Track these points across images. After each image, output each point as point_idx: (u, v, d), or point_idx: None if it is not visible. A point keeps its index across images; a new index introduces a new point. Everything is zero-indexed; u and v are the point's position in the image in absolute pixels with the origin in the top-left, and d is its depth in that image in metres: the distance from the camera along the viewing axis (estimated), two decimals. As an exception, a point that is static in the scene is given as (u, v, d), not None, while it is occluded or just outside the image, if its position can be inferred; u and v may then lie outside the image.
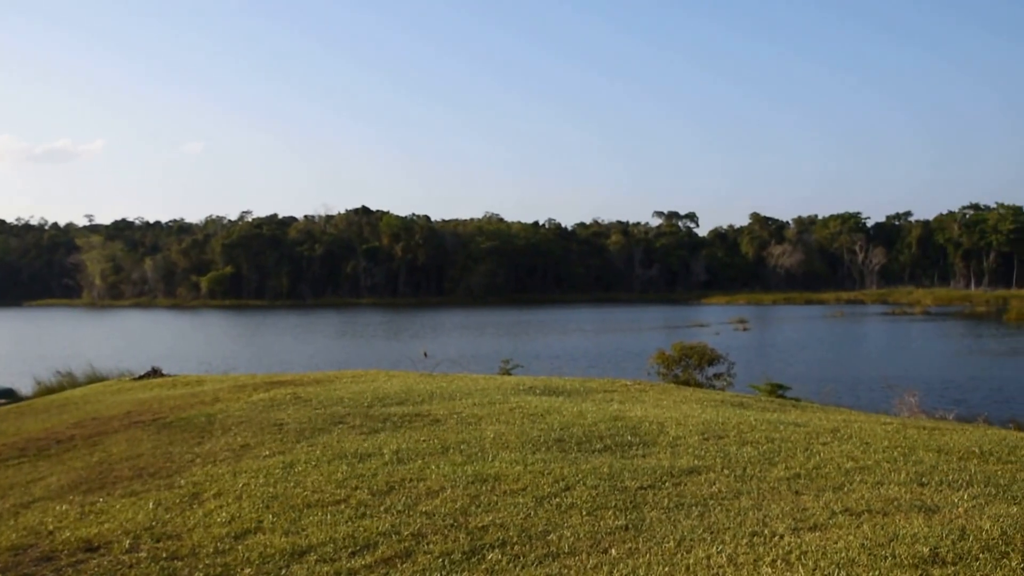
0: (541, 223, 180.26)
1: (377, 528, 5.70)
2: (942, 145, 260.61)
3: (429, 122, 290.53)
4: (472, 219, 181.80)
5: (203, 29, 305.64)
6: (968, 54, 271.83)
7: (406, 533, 5.57)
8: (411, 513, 6.01)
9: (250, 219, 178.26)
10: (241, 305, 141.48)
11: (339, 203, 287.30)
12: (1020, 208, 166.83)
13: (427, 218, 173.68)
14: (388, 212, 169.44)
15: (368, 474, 7.17)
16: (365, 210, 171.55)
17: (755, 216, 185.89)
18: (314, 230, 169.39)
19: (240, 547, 5.53)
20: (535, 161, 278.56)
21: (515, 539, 5.38)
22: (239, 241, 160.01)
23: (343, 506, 6.29)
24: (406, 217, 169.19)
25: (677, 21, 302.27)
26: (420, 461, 7.57)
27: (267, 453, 8.33)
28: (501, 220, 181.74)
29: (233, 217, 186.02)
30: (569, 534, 5.44)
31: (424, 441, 8.48)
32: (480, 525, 5.67)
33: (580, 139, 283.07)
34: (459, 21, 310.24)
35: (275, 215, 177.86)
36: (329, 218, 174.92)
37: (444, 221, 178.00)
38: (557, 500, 6.20)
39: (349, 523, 5.86)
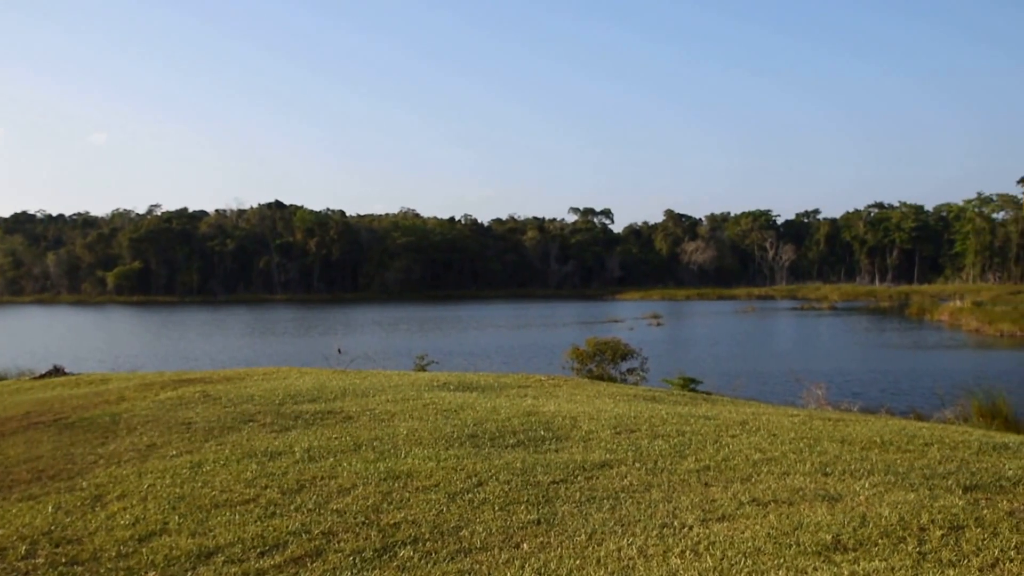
0: (457, 219, 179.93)
1: (287, 527, 5.62)
2: (849, 145, 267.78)
3: (345, 115, 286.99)
4: (388, 214, 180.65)
5: (107, 18, 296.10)
6: (879, 50, 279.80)
7: (317, 532, 5.51)
8: (322, 511, 5.94)
9: (159, 213, 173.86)
10: (149, 301, 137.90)
11: (251, 197, 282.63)
12: (921, 207, 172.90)
13: (342, 213, 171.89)
14: (302, 207, 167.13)
15: (278, 473, 7.07)
16: (278, 204, 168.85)
17: (669, 213, 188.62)
18: (226, 225, 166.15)
19: (144, 550, 5.39)
20: (453, 157, 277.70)
21: (427, 535, 5.37)
22: (147, 235, 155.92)
23: (252, 505, 6.18)
24: (321, 212, 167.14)
25: (585, 26, 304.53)
26: (332, 459, 7.49)
27: (174, 453, 8.15)
28: (417, 216, 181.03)
29: (141, 211, 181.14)
30: (481, 529, 5.45)
31: (336, 438, 8.40)
32: (392, 522, 5.64)
33: (496, 136, 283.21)
34: (374, 2, 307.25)
35: (185, 209, 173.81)
36: (241, 212, 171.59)
37: (360, 216, 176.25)
38: (470, 496, 6.20)
39: (258, 523, 5.76)
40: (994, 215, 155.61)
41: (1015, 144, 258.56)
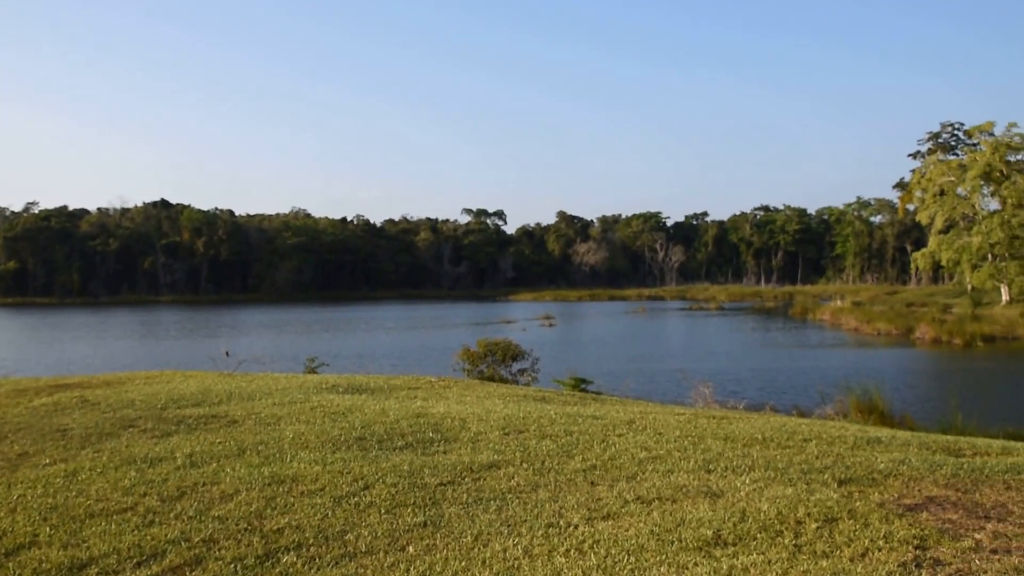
0: (349, 219, 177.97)
1: (166, 536, 5.46)
2: (735, 149, 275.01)
3: (231, 114, 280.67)
4: (278, 214, 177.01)
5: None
6: (766, 62, 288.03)
7: (197, 540, 5.36)
8: (203, 519, 5.78)
9: (36, 211, 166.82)
10: (26, 303, 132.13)
11: (136, 195, 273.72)
12: (804, 210, 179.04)
13: (231, 212, 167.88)
14: (189, 206, 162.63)
15: (158, 480, 6.86)
16: (164, 203, 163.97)
17: (561, 215, 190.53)
18: (108, 223, 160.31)
19: (11, 564, 5.15)
20: (343, 156, 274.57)
21: (311, 540, 5.28)
22: (23, 234, 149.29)
23: (129, 514, 5.98)
24: (208, 211, 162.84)
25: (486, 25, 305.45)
26: (215, 464, 7.31)
27: (47, 461, 7.82)
28: (308, 216, 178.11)
29: (17, 208, 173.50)
30: (367, 533, 5.39)
31: (220, 443, 8.20)
32: (276, 528, 5.53)
33: (388, 135, 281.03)
34: (254, 5, 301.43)
35: (65, 207, 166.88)
36: (125, 211, 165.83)
37: (249, 216, 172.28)
38: (356, 499, 6.13)
39: (135, 532, 5.57)
40: (872, 218, 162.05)
41: (891, 151, 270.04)
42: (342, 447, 7.90)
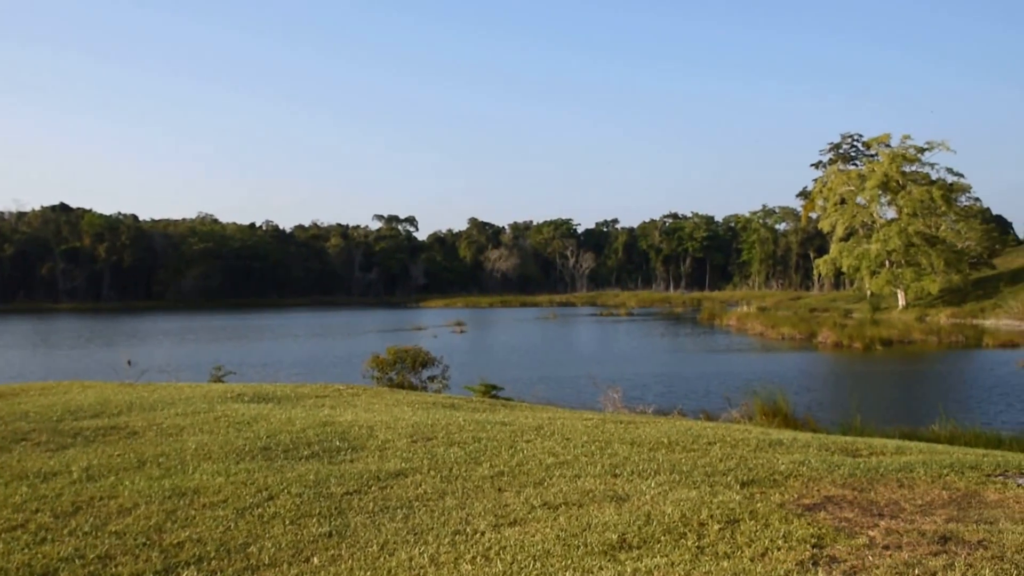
0: (258, 225, 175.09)
1: (58, 553, 5.26)
2: (643, 156, 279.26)
3: (135, 114, 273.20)
4: (184, 219, 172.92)
5: None
6: (672, 71, 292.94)
7: (92, 556, 5.18)
8: (99, 534, 5.60)
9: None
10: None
11: (33, 199, 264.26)
12: (712, 218, 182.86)
13: (135, 217, 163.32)
14: (90, 210, 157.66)
15: (52, 495, 6.61)
16: (64, 207, 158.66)
17: (473, 221, 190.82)
18: (3, 228, 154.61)
19: None
20: (251, 160, 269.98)
21: (213, 554, 5.16)
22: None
23: (20, 532, 5.75)
24: (111, 216, 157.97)
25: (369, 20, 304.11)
26: (113, 477, 7.09)
27: (-68, 477, 7.47)
28: (216, 221, 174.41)
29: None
30: (270, 545, 5.29)
31: (119, 456, 7.96)
32: (176, 542, 5.39)
33: (294, 139, 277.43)
34: (157, 8, 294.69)
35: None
36: (21, 215, 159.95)
37: (154, 221, 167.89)
38: (259, 510, 6.01)
39: (26, 550, 5.36)
40: (777, 226, 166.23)
41: (795, 160, 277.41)
42: (246, 457, 7.76)
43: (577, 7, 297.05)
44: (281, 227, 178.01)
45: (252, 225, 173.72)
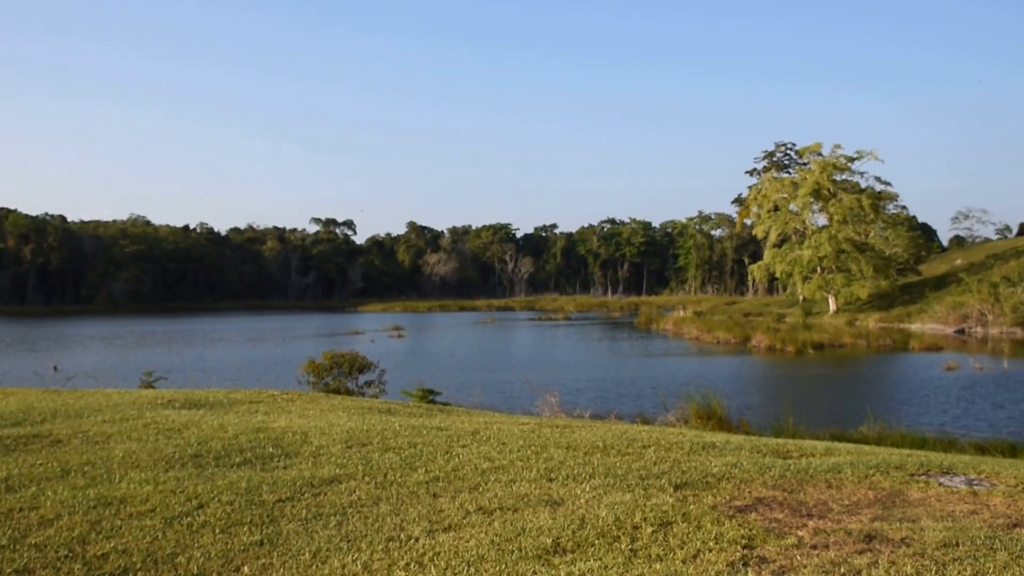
0: (192, 227, 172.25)
1: (-27, 567, 5.08)
2: (582, 162, 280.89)
3: (63, 112, 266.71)
4: (115, 221, 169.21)
5: None
6: (610, 74, 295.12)
7: (9, 571, 5.01)
8: (18, 547, 5.41)
9: None
10: None
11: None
12: (649, 223, 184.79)
13: (62, 218, 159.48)
14: (15, 211, 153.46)
15: (-33, 507, 6.40)
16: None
17: (412, 225, 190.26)
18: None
19: None
20: (184, 161, 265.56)
21: (139, 565, 5.03)
22: None
23: (-65, 545, 5.55)
24: (37, 217, 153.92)
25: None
26: (34, 487, 6.88)
27: None
28: (148, 223, 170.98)
29: None
30: (199, 555, 5.18)
31: (41, 465, 7.73)
32: (100, 553, 5.25)
33: (229, 139, 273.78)
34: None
35: None
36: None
37: (83, 222, 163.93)
38: (189, 519, 5.89)
39: (-60, 564, 5.18)
40: (712, 232, 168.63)
41: (733, 167, 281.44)
42: (176, 465, 7.60)
43: (510, 8, 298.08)
44: (216, 229, 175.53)
45: (186, 227, 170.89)
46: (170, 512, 6.07)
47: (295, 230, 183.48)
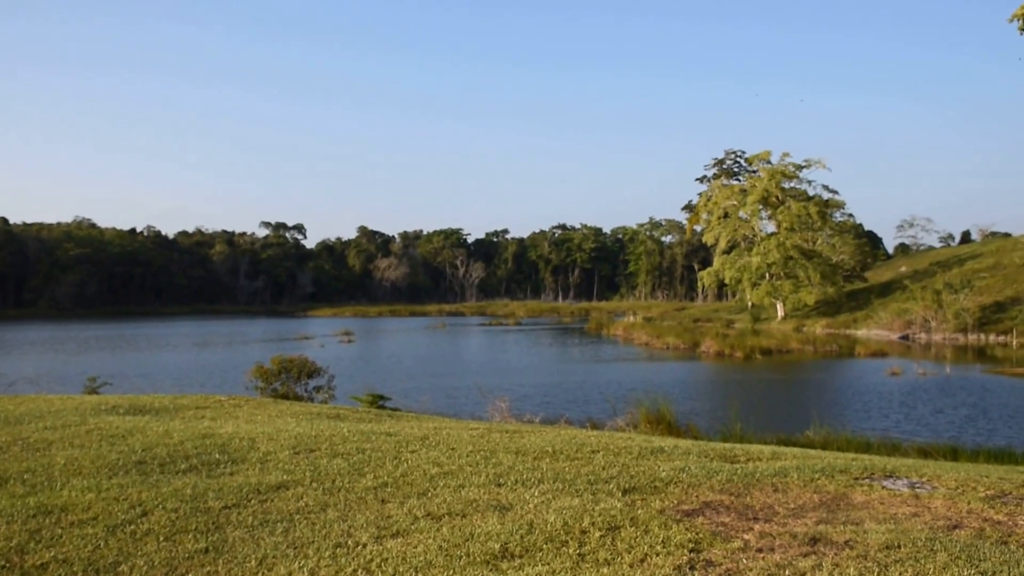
0: (139, 230, 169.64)
1: (-95, 580, 4.95)
2: (534, 167, 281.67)
3: (6, 112, 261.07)
4: (60, 223, 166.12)
5: None
6: (561, 79, 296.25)
7: (-56, 581, 4.90)
8: (-47, 557, 5.29)
9: None
10: None
11: None
12: (600, 229, 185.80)
13: (4, 220, 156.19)
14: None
15: (-100, 518, 6.22)
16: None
17: (363, 229, 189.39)
18: None
19: None
20: (130, 163, 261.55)
21: (80, 574, 4.93)
22: None
23: None
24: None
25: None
26: (-29, 496, 6.72)
27: None
28: (93, 225, 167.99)
29: None
30: (142, 563, 5.09)
31: (-22, 473, 7.55)
32: (39, 563, 5.13)
33: (178, 144, 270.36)
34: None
35: None
36: None
37: (26, 224, 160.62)
38: (132, 527, 5.79)
39: None
40: (663, 238, 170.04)
41: (683, 174, 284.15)
42: (119, 472, 7.47)
43: (461, 16, 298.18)
44: (164, 233, 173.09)
45: (133, 230, 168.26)
46: (113, 520, 5.96)
47: (244, 234, 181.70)
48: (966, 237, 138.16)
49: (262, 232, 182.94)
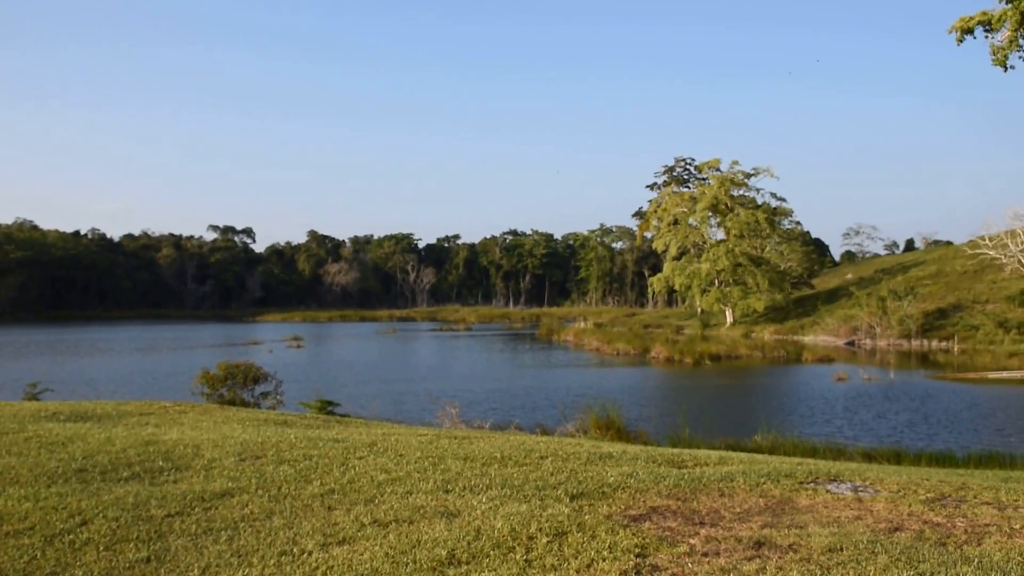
0: (83, 232, 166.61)
1: None
2: (485, 173, 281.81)
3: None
4: (0, 225, 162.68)
5: None
6: (510, 84, 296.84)
7: None
8: None
9: None
10: None
11: None
12: (551, 235, 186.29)
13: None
14: None
15: None
16: None
17: (313, 234, 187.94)
18: None
19: None
20: (74, 165, 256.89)
21: (16, 585, 4.82)
22: None
23: None
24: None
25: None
26: (-97, 505, 6.53)
27: None
28: (35, 227, 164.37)
29: None
30: (81, 573, 5.00)
31: (-89, 482, 7.35)
32: (-27, 573, 5.02)
33: (125, 145, 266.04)
34: None
35: None
36: None
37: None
38: (71, 537, 5.67)
39: None
40: (614, 244, 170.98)
41: (634, 181, 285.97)
42: (59, 480, 7.32)
43: (410, 22, 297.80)
44: (109, 236, 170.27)
45: (76, 233, 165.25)
46: (51, 529, 5.83)
47: (192, 237, 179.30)
48: (910, 245, 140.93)
49: (210, 236, 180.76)
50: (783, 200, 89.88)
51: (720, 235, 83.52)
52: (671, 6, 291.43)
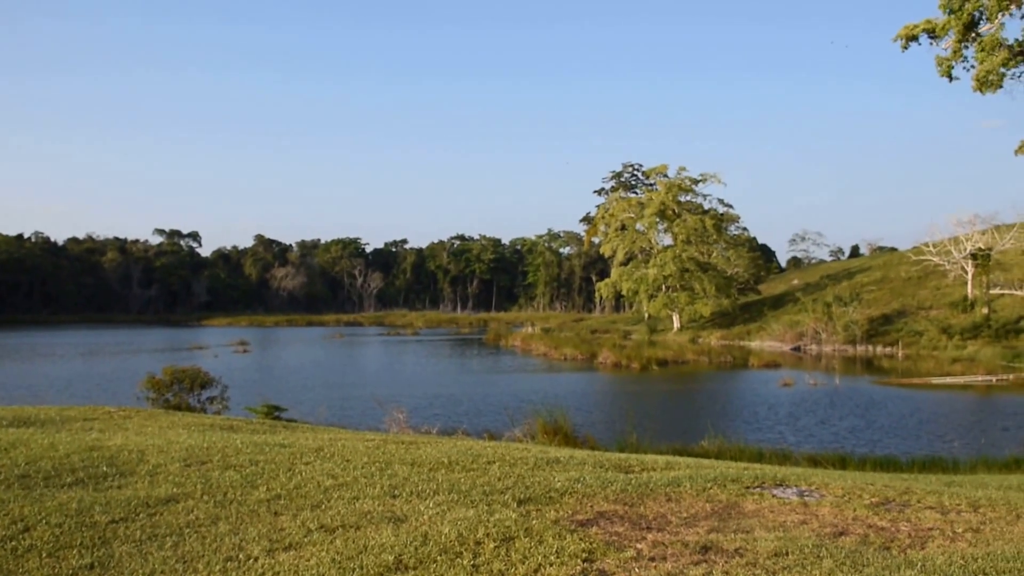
0: (27, 236, 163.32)
1: None
2: (431, 178, 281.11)
3: None
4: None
5: None
6: (460, 88, 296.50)
7: None
8: None
9: None
10: None
11: None
12: (499, 240, 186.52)
13: None
14: None
15: None
16: None
17: (260, 238, 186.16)
18: None
19: None
20: (19, 168, 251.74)
21: (-46, 594, 4.75)
22: None
23: None
24: None
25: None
26: None
27: None
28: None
29: None
30: (23, 581, 4.92)
31: None
32: (-90, 583, 4.92)
33: (67, 148, 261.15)
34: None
35: None
36: None
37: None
38: (13, 544, 5.58)
39: None
40: (561, 250, 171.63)
41: (582, 186, 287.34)
42: (0, 486, 7.19)
43: (364, 29, 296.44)
44: (52, 239, 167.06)
45: (19, 236, 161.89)
46: (-8, 536, 5.74)
47: (137, 241, 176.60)
48: (855, 251, 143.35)
49: (156, 239, 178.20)
50: (730, 206, 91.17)
51: (668, 240, 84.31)
52: (617, 6, 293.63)
